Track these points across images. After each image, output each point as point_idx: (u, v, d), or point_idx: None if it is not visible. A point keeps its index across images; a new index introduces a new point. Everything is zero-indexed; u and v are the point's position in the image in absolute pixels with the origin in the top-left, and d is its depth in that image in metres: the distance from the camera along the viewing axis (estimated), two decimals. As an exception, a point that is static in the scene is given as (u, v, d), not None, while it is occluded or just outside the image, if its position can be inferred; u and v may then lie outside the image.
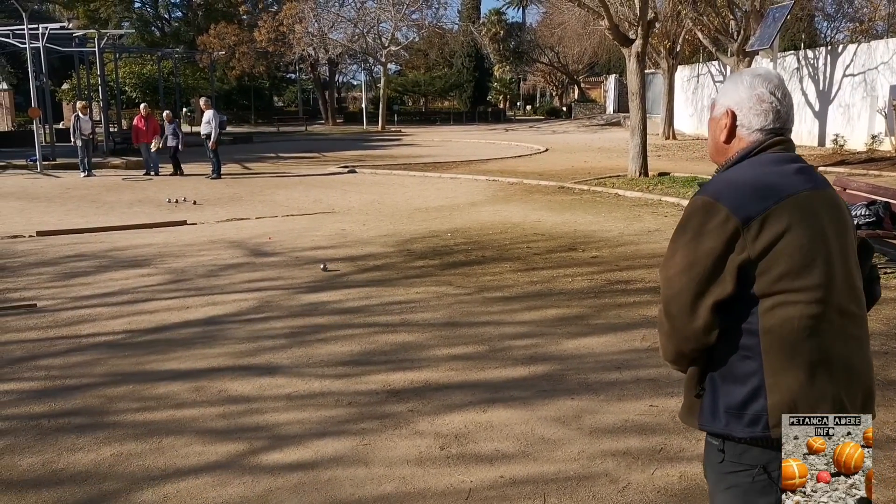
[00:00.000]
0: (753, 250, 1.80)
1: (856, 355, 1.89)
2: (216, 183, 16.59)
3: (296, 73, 52.45)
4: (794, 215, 1.82)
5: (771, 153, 1.96)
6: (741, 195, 1.83)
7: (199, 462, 3.74)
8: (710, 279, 1.83)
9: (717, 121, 2.04)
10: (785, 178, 1.88)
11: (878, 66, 20.06)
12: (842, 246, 1.89)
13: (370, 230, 10.27)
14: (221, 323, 6.10)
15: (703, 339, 1.87)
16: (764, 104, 1.96)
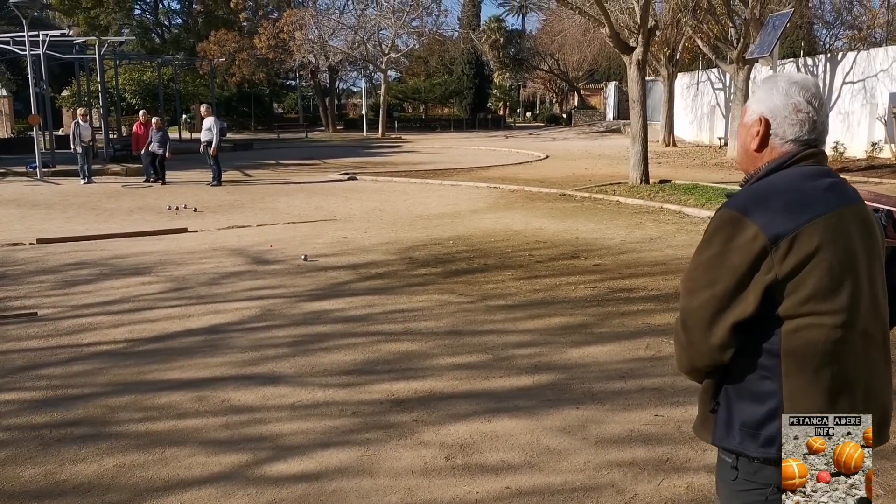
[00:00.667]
0: (781, 270, 1.74)
1: (876, 380, 1.86)
2: (217, 190, 16.59)
3: (296, 79, 52.57)
4: (825, 235, 1.75)
5: (804, 166, 1.88)
6: (771, 211, 1.76)
7: (203, 473, 3.71)
8: (731, 297, 1.78)
9: (749, 127, 1.95)
10: (817, 194, 1.80)
11: (878, 73, 20.10)
12: (870, 266, 1.84)
13: (372, 238, 10.25)
14: (223, 331, 6.07)
15: (717, 357, 1.83)
16: (800, 114, 1.88)
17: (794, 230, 1.73)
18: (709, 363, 1.86)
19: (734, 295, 1.77)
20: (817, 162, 1.89)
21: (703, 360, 1.86)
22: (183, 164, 21.37)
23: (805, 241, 1.73)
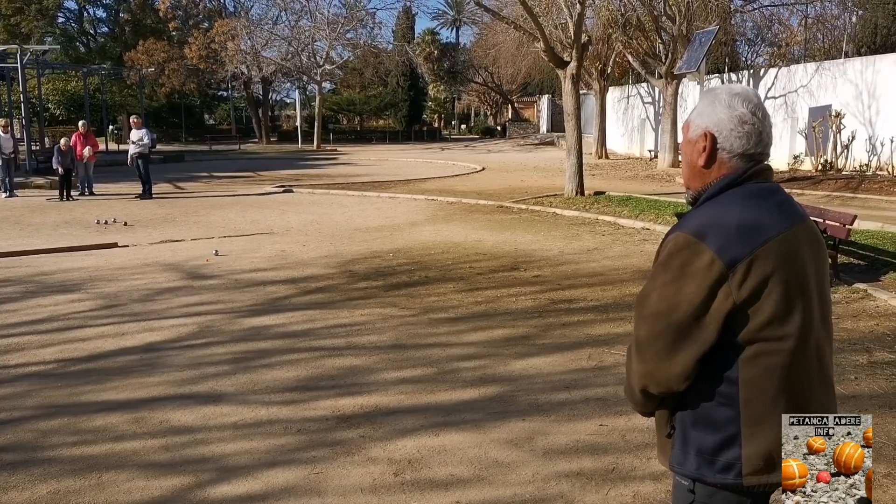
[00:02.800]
0: (739, 296, 1.70)
1: (827, 394, 1.87)
2: (147, 203, 16.13)
3: (228, 90, 51.70)
4: (779, 258, 1.73)
5: (755, 184, 1.83)
6: (726, 235, 1.71)
7: (143, 497, 3.58)
8: (691, 326, 1.72)
9: (694, 143, 1.89)
10: (769, 214, 1.77)
11: (798, 89, 21.01)
12: (819, 282, 1.83)
13: (310, 251, 10.13)
14: (160, 350, 5.89)
15: (676, 386, 1.79)
16: (746, 126, 1.82)
17: (749, 254, 1.69)
18: (665, 391, 1.82)
19: (693, 324, 1.72)
20: (766, 178, 1.85)
21: (660, 388, 1.82)
22: (111, 177, 20.72)
23: (761, 264, 1.70)
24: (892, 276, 7.83)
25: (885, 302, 6.97)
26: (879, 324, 6.39)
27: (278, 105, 68.49)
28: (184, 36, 44.09)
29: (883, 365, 5.37)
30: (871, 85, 18.30)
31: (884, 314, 6.66)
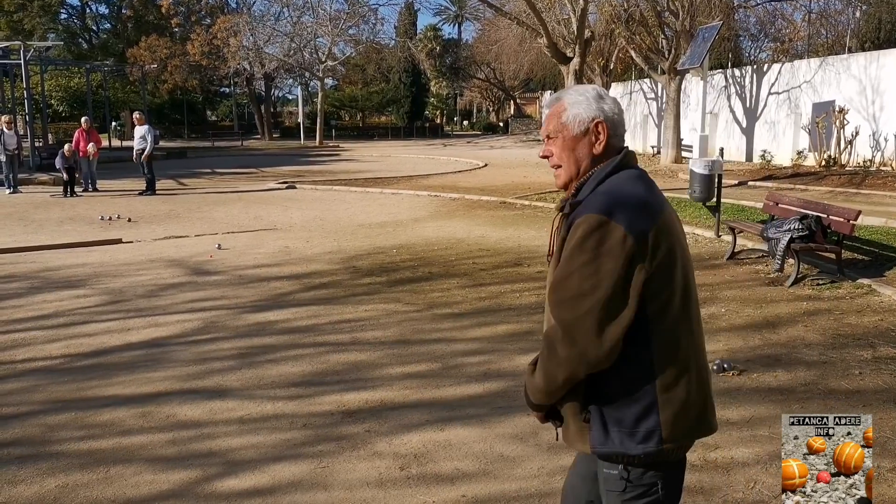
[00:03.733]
0: (650, 268, 1.81)
1: (706, 366, 2.04)
2: (151, 199, 16.15)
3: (230, 87, 51.70)
4: (671, 231, 1.87)
5: (630, 169, 1.98)
6: (631, 211, 1.82)
7: (151, 491, 3.60)
8: (615, 301, 1.79)
9: (582, 138, 1.99)
10: (652, 193, 1.92)
11: (801, 84, 20.97)
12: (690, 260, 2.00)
13: (314, 247, 10.15)
14: (165, 345, 5.91)
15: (607, 362, 1.84)
16: (622, 114, 2.03)
17: (651, 227, 1.82)
18: (593, 371, 1.86)
19: (617, 299, 1.80)
20: (636, 163, 2.03)
21: (591, 368, 1.85)
22: (114, 174, 20.75)
23: (662, 236, 1.83)
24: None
25: (889, 297, 6.97)
26: (884, 319, 6.39)
27: (280, 101, 68.51)
28: (186, 32, 44.08)
29: (887, 360, 5.37)
30: (875, 80, 18.26)
31: (888, 309, 6.66)
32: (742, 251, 9.21)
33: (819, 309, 6.76)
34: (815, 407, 4.55)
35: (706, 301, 7.00)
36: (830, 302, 7.00)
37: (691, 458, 3.84)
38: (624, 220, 1.79)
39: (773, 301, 7.06)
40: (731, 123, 24.27)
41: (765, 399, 4.68)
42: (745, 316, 6.58)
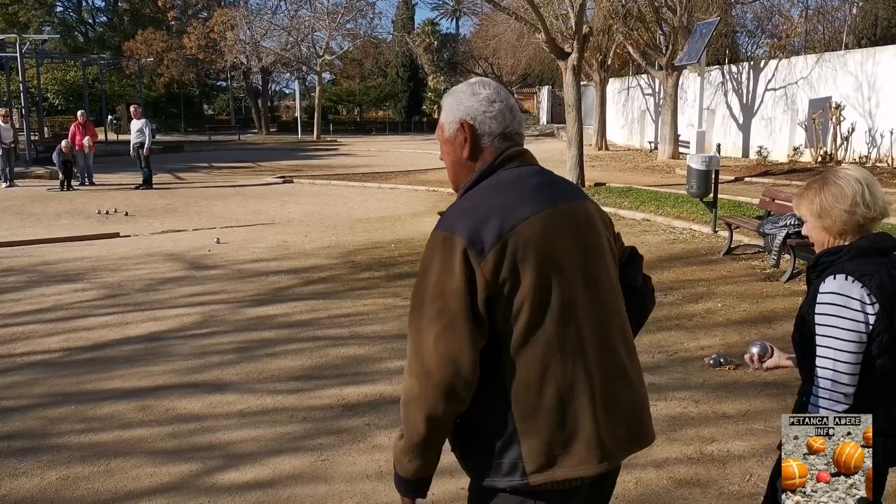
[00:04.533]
0: (495, 284, 1.61)
1: (611, 386, 1.72)
2: (148, 193, 16.14)
3: (227, 81, 51.53)
4: (530, 244, 1.63)
5: (508, 170, 1.77)
6: (475, 223, 1.63)
7: (152, 484, 3.63)
8: (464, 323, 1.60)
9: (453, 141, 1.82)
10: (521, 198, 1.69)
11: (798, 80, 20.99)
12: (588, 268, 1.72)
13: (312, 241, 10.16)
14: (164, 339, 5.93)
15: (463, 392, 1.63)
16: (495, 105, 1.79)
17: (497, 241, 1.61)
18: (455, 403, 1.64)
19: (466, 320, 1.61)
20: (522, 162, 1.79)
21: (448, 403, 1.63)
22: (111, 167, 20.72)
23: (511, 249, 1.61)
24: (892, 268, 7.86)
25: (885, 293, 7.00)
26: (879, 315, 6.43)
27: (277, 96, 68.33)
28: (182, 26, 43.94)
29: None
30: (872, 77, 18.29)
31: (883, 305, 6.70)
32: (738, 247, 9.25)
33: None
34: (811, 401, 4.58)
35: (703, 297, 7.04)
36: (826, 297, 7.03)
37: (688, 452, 3.89)
38: (466, 235, 1.61)
39: (769, 296, 7.10)
40: (727, 119, 24.29)
41: (760, 393, 4.72)
42: (742, 311, 6.62)
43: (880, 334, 1.94)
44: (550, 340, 1.64)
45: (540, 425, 1.65)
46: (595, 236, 1.78)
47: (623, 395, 1.73)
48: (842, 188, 2.09)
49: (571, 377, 1.66)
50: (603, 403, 1.68)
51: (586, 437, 1.66)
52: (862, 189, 2.07)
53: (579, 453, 1.66)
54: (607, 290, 1.76)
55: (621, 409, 1.72)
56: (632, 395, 1.76)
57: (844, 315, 1.96)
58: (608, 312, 1.75)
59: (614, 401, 1.71)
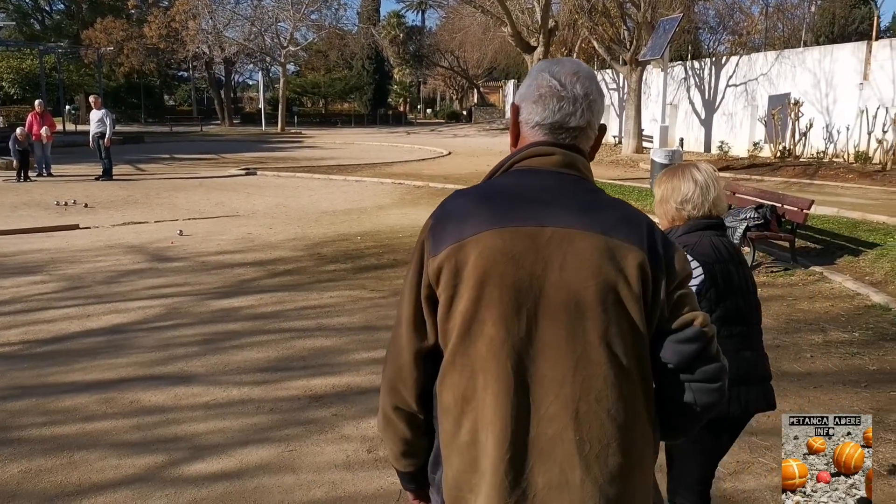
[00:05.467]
0: (439, 290, 1.45)
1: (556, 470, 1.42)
2: (108, 185, 15.84)
3: (189, 71, 50.74)
4: (492, 255, 1.41)
5: (526, 164, 1.52)
6: (447, 218, 1.47)
7: (117, 476, 3.59)
8: (410, 319, 1.50)
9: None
10: (513, 201, 1.46)
11: (758, 77, 21.39)
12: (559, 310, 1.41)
13: (278, 234, 10.09)
14: (127, 331, 5.85)
15: (406, 391, 1.53)
16: (542, 89, 1.53)
17: (456, 241, 1.43)
18: (401, 399, 1.55)
19: (413, 317, 1.50)
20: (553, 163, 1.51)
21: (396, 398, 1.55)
22: (70, 158, 20.30)
23: (463, 257, 1.42)
24: (847, 260, 8.08)
25: (840, 284, 7.21)
26: (834, 305, 6.61)
27: (241, 87, 67.50)
28: (143, 14, 43.14)
29: (837, 344, 5.58)
30: (829, 74, 18.72)
31: (838, 296, 6.89)
32: (700, 239, 9.40)
33: (773, 295, 6.96)
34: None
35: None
36: (784, 288, 7.21)
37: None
38: (437, 227, 1.47)
39: (730, 288, 7.24)
40: (690, 114, 24.66)
41: (722, 382, 4.81)
42: (703, 302, 6.74)
43: (708, 290, 2.22)
44: (475, 376, 1.43)
45: (454, 459, 1.48)
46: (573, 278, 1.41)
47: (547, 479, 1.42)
48: (680, 185, 2.37)
49: (487, 426, 1.43)
50: (513, 474, 1.42)
51: (486, 497, 1.43)
52: (696, 190, 2.35)
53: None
54: (559, 348, 1.41)
55: (536, 490, 1.42)
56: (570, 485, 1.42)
57: None
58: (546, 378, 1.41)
59: (528, 477, 1.42)
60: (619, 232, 1.44)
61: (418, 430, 1.58)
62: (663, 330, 1.48)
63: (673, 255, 1.49)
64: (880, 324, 6.05)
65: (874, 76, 17.50)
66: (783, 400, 4.45)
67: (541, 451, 1.42)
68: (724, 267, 2.30)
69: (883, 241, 8.34)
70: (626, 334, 1.43)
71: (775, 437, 4.00)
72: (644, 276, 1.43)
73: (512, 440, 1.41)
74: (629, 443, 1.44)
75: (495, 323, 1.41)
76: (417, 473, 1.65)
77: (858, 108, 17.56)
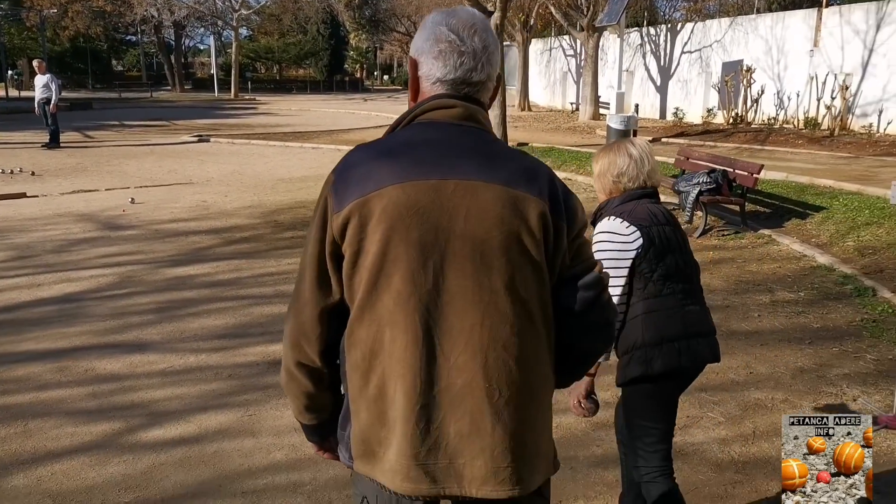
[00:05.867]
0: (344, 246, 1.45)
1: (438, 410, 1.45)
2: (55, 153, 15.40)
3: (137, 35, 49.29)
4: (396, 209, 1.41)
5: (428, 117, 1.52)
6: (351, 173, 1.46)
7: (73, 443, 3.56)
8: (313, 277, 1.50)
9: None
10: (415, 155, 1.46)
11: (712, 44, 21.61)
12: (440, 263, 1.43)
13: (233, 201, 9.96)
14: (79, 300, 5.76)
15: (308, 347, 1.54)
16: (441, 44, 1.50)
17: (359, 196, 1.42)
18: (303, 355, 1.56)
19: (314, 274, 1.50)
20: (453, 116, 1.51)
21: (298, 353, 1.56)
22: (14, 125, 19.66)
23: (367, 212, 1.42)
24: (795, 223, 8.31)
25: (787, 246, 7.42)
26: (781, 266, 6.81)
27: (192, 51, 65.85)
28: (88, -25, 41.58)
29: (783, 304, 5.76)
30: (781, 41, 19.00)
31: (786, 257, 7.10)
32: (654, 204, 9.56)
33: (723, 258, 7.14)
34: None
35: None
36: (734, 251, 7.40)
37: (605, 397, 4.05)
38: (339, 182, 1.46)
39: (683, 251, 7.40)
40: (646, 81, 24.85)
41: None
42: (657, 265, 6.89)
43: (647, 251, 2.34)
44: (383, 330, 1.45)
45: (362, 413, 1.49)
46: (477, 229, 1.43)
47: (458, 427, 1.45)
48: (616, 159, 2.50)
49: (396, 378, 1.45)
50: (424, 423, 1.45)
51: (398, 448, 1.46)
52: (630, 163, 2.47)
53: (392, 462, 1.47)
54: (465, 299, 1.44)
55: (448, 439, 1.45)
56: (481, 432, 1.45)
57: (611, 246, 2.36)
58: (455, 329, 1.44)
59: (439, 426, 1.45)
60: (520, 183, 1.46)
61: (321, 384, 1.59)
62: (564, 277, 1.53)
63: (574, 205, 1.53)
64: (825, 284, 6.26)
65: (824, 43, 17.82)
66: (731, 357, 4.61)
67: (451, 400, 1.45)
68: (660, 229, 2.40)
69: (829, 205, 8.58)
70: (530, 282, 1.46)
71: (723, 393, 4.17)
72: (546, 225, 1.46)
73: (422, 391, 1.44)
74: (535, 387, 1.49)
75: (402, 276, 1.42)
76: (321, 427, 1.67)
77: (809, 75, 17.90)
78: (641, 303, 2.39)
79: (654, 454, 2.51)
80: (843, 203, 8.51)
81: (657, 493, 2.47)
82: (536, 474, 1.52)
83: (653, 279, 2.37)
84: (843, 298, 5.88)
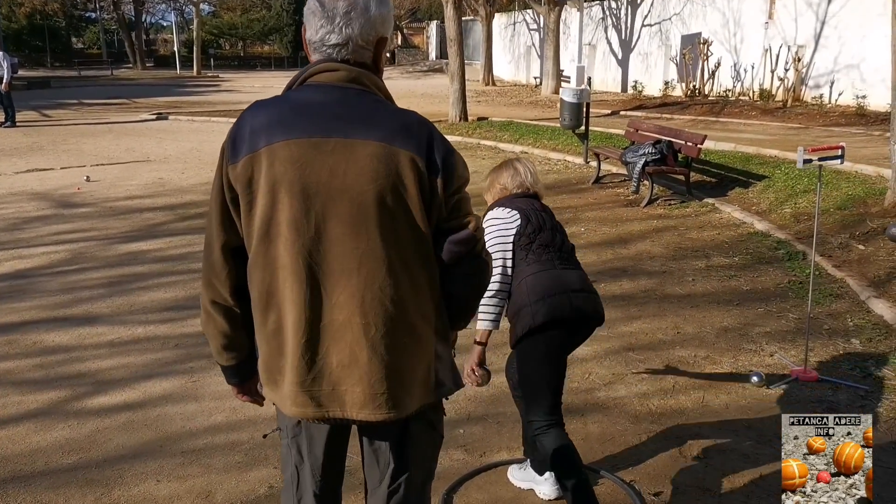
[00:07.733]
0: (240, 196, 1.63)
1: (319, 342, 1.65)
2: (10, 132, 15.19)
3: (97, 11, 48.20)
4: (282, 164, 1.58)
5: (316, 79, 1.68)
6: (245, 128, 1.63)
7: (19, 411, 3.68)
8: (216, 216, 1.69)
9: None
10: (302, 114, 1.62)
11: (672, 17, 21.81)
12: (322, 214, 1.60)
13: (190, 178, 9.98)
14: (30, 276, 5.82)
15: (219, 284, 1.72)
16: (314, 17, 1.67)
17: (251, 151, 1.60)
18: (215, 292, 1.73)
19: (217, 215, 1.69)
20: (337, 79, 1.65)
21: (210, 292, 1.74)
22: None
23: (258, 166, 1.60)
24: (738, 192, 8.57)
25: (729, 214, 7.68)
26: (721, 233, 7.07)
27: (154, 28, 64.57)
28: (42, -50, 40.56)
29: (718, 268, 6.01)
30: (737, 13, 19.24)
31: (726, 225, 7.36)
32: (606, 175, 9.78)
33: (667, 226, 7.37)
34: (651, 310, 5.07)
35: (568, 222, 7.47)
36: (678, 220, 7.64)
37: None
38: (235, 138, 1.64)
39: (628, 220, 7.63)
40: (607, 55, 25.01)
41: (609, 305, 5.07)
42: (602, 234, 7.11)
43: (525, 227, 2.69)
44: (276, 273, 1.63)
45: (264, 346, 1.70)
46: (354, 183, 1.58)
47: (340, 358, 1.64)
48: (500, 174, 2.90)
49: (286, 315, 1.65)
50: (309, 355, 1.64)
51: (289, 377, 1.67)
52: (513, 174, 2.87)
53: (286, 389, 1.68)
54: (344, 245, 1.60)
55: (331, 368, 1.65)
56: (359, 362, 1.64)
57: (496, 224, 2.71)
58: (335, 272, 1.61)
59: (323, 357, 1.64)
60: (396, 139, 1.60)
61: (236, 323, 1.77)
62: (441, 228, 1.68)
63: (453, 162, 1.66)
64: (759, 249, 6.52)
65: (778, 15, 18.10)
66: (661, 319, 4.84)
67: (333, 334, 1.64)
68: (535, 213, 2.76)
69: (771, 174, 8.84)
70: (404, 231, 1.63)
71: (649, 351, 4.39)
72: (420, 179, 1.60)
73: (307, 326, 1.64)
74: (410, 325, 1.66)
75: (288, 225, 1.60)
76: (239, 367, 1.83)
77: (763, 47, 18.18)
78: (524, 268, 2.67)
79: (544, 406, 2.68)
80: (785, 172, 8.78)
81: (549, 445, 2.64)
82: (412, 399, 1.71)
83: (532, 248, 2.69)
84: (775, 262, 6.14)
